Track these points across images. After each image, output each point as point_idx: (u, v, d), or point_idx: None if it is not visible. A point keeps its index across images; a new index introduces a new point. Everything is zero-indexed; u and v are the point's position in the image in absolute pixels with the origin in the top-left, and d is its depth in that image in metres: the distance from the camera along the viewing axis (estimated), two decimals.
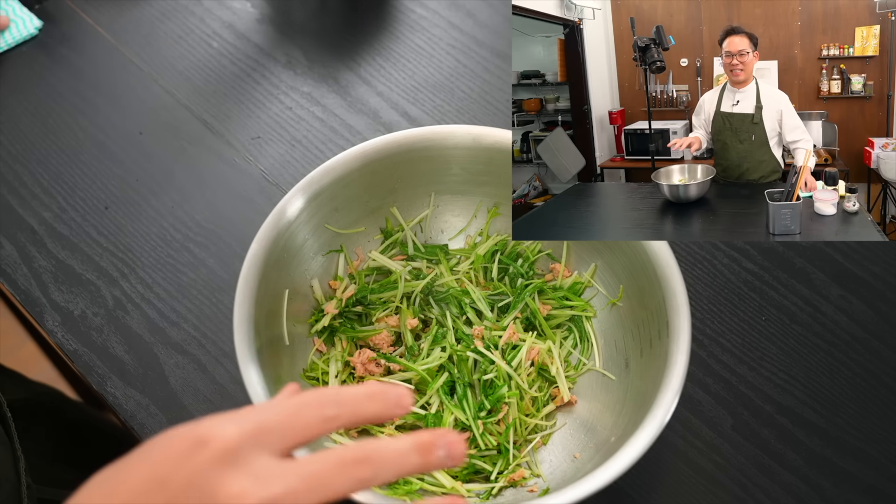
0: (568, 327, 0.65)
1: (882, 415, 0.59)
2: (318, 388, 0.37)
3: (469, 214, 0.68)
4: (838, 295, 0.64)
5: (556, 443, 0.60)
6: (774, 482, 0.57)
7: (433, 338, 0.62)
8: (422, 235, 0.68)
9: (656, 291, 0.56)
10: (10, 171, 0.72)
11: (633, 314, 0.60)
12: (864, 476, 0.57)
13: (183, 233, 0.69)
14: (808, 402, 0.60)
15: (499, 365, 0.60)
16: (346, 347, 0.63)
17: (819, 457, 0.58)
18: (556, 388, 0.62)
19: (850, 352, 0.62)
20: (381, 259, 0.65)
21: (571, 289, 0.65)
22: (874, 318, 0.63)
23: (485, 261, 0.66)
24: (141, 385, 0.61)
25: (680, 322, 0.54)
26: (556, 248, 0.66)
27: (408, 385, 0.60)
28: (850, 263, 0.65)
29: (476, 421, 0.58)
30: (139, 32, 0.80)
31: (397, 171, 0.63)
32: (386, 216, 0.66)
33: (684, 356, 0.52)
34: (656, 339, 0.56)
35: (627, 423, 0.54)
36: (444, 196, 0.67)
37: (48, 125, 0.76)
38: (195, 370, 0.62)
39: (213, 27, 0.82)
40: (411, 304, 0.65)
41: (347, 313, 0.64)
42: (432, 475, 0.57)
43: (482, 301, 0.64)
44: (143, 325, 0.64)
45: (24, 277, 0.66)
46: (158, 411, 0.60)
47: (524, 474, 0.58)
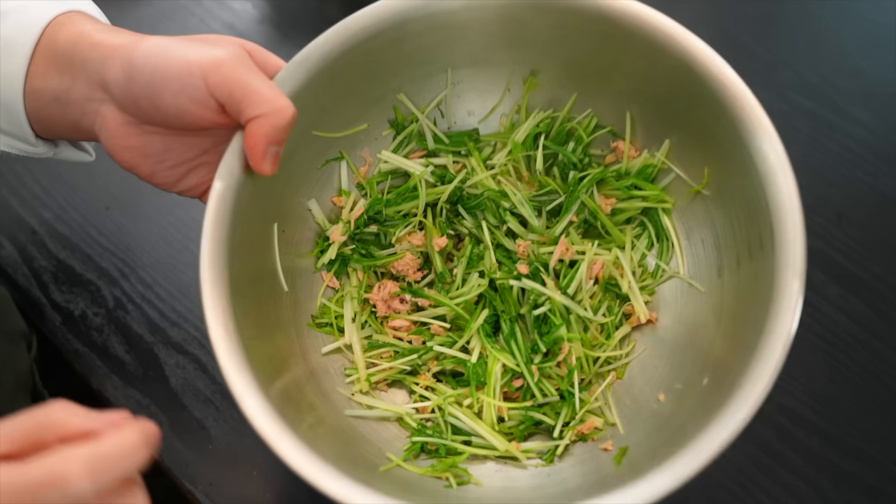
0: (640, 222, 0.50)
1: (882, 415, 0.59)
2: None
3: (499, 88, 0.52)
4: (838, 295, 0.64)
5: (635, 374, 0.47)
6: (774, 482, 0.57)
7: (468, 259, 0.50)
8: (443, 122, 0.53)
9: (754, 181, 0.41)
10: (11, 171, 0.72)
11: (724, 208, 0.45)
12: (864, 476, 0.57)
13: (183, 233, 0.69)
14: (808, 402, 0.60)
15: (553, 297, 0.47)
16: (364, 280, 0.50)
17: (819, 457, 0.58)
18: (629, 305, 0.49)
19: (850, 352, 0.62)
20: (394, 159, 0.51)
21: (641, 173, 0.49)
22: (874, 318, 0.63)
23: (525, 149, 0.51)
24: (141, 385, 0.61)
25: (786, 231, 0.39)
26: (618, 121, 0.50)
27: (443, 324, 0.48)
28: (850, 263, 0.65)
29: (529, 366, 0.47)
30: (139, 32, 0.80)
31: (396, 48, 0.48)
32: (394, 105, 0.52)
33: (797, 280, 0.37)
34: (757, 247, 0.41)
35: (724, 359, 0.41)
36: (463, 70, 0.51)
37: None
38: (195, 370, 0.62)
39: (213, 28, 0.81)
40: (437, 217, 0.51)
41: (361, 235, 0.51)
42: (481, 436, 0.46)
43: (525, 205, 0.50)
44: (144, 325, 0.64)
45: (24, 277, 0.66)
46: (159, 411, 0.60)
47: (596, 424, 0.46)
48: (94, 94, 0.42)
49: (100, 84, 0.42)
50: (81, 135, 0.45)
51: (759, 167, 0.41)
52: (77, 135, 0.45)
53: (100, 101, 0.42)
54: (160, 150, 0.44)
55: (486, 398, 0.48)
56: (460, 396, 0.49)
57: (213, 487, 0.56)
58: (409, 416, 0.48)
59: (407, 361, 0.50)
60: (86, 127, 0.44)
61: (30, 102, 0.43)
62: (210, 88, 0.40)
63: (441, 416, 0.48)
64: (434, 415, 0.49)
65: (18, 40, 0.42)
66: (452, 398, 0.48)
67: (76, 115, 0.43)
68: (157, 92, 0.40)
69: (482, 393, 0.48)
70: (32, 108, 0.43)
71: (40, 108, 0.43)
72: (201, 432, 0.59)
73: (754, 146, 0.41)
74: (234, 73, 0.40)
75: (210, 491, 0.56)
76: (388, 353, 0.51)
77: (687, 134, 0.47)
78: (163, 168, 0.45)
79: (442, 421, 0.48)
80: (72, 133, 0.45)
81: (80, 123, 0.44)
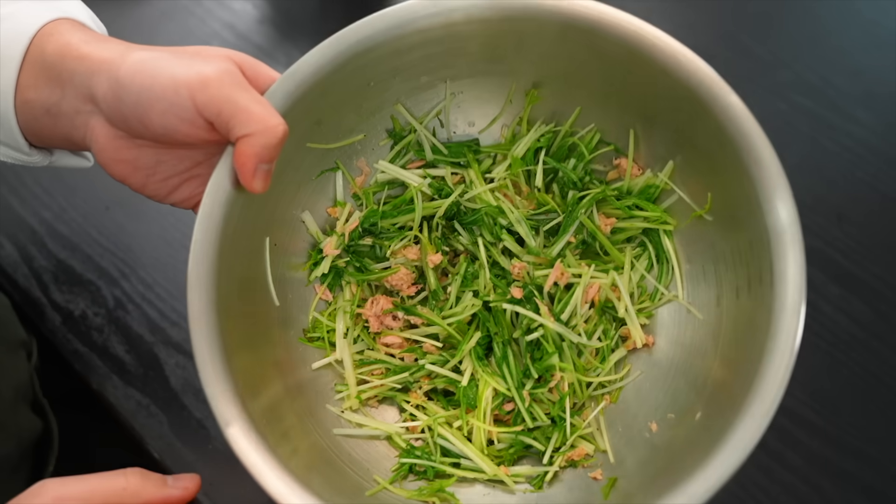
0: (641, 242, 0.49)
1: (882, 415, 0.59)
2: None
3: (501, 98, 0.50)
4: (838, 295, 0.64)
5: (629, 399, 0.47)
6: (774, 482, 0.57)
7: (462, 278, 0.49)
8: (443, 132, 0.52)
9: (755, 211, 0.39)
10: (11, 171, 0.72)
11: (726, 235, 0.44)
12: (864, 476, 0.57)
13: (183, 233, 0.69)
14: (808, 402, 0.60)
15: (546, 325, 0.46)
16: (357, 293, 0.50)
17: (819, 457, 0.58)
18: (626, 328, 0.48)
19: (850, 352, 0.62)
20: (392, 169, 0.50)
21: (643, 193, 0.48)
22: (874, 318, 0.63)
23: (525, 164, 0.50)
24: (141, 385, 0.61)
25: (786, 269, 0.38)
26: (621, 138, 0.49)
27: (435, 343, 0.48)
28: (850, 263, 0.65)
29: (521, 391, 0.46)
30: (140, 33, 0.80)
31: (392, 61, 0.46)
32: (391, 115, 0.51)
33: (794, 319, 0.37)
34: (756, 281, 0.40)
35: (718, 392, 0.41)
36: (461, 81, 0.50)
37: None
38: (195, 370, 0.62)
39: (213, 28, 0.81)
40: (433, 232, 0.50)
41: (355, 247, 0.50)
42: (470, 459, 0.46)
43: (523, 223, 0.48)
44: (144, 325, 0.64)
45: (24, 277, 0.66)
46: (159, 411, 0.60)
47: (586, 451, 0.46)
48: (83, 107, 0.42)
49: (88, 98, 0.41)
50: (74, 146, 0.45)
51: (763, 203, 0.40)
52: (70, 146, 0.45)
53: (89, 114, 0.42)
54: (151, 163, 0.44)
55: (475, 422, 0.47)
56: (451, 417, 0.48)
57: (213, 487, 0.57)
58: (398, 436, 0.48)
59: (398, 379, 0.49)
60: (77, 139, 0.43)
61: (21, 114, 0.43)
62: (198, 108, 0.39)
63: (430, 436, 0.48)
64: (424, 434, 0.48)
65: (6, 52, 0.41)
66: (443, 419, 0.48)
67: (67, 128, 0.43)
68: (145, 111, 0.39)
69: (472, 416, 0.47)
70: (24, 120, 0.43)
71: (32, 120, 0.43)
72: (201, 432, 0.59)
73: (759, 180, 0.40)
74: (223, 91, 0.39)
75: (210, 491, 0.56)
76: (379, 370, 0.50)
77: (692, 156, 0.46)
78: (154, 180, 0.45)
79: (431, 442, 0.48)
80: (65, 144, 0.45)
81: (72, 135, 0.43)
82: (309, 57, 0.44)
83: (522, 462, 0.48)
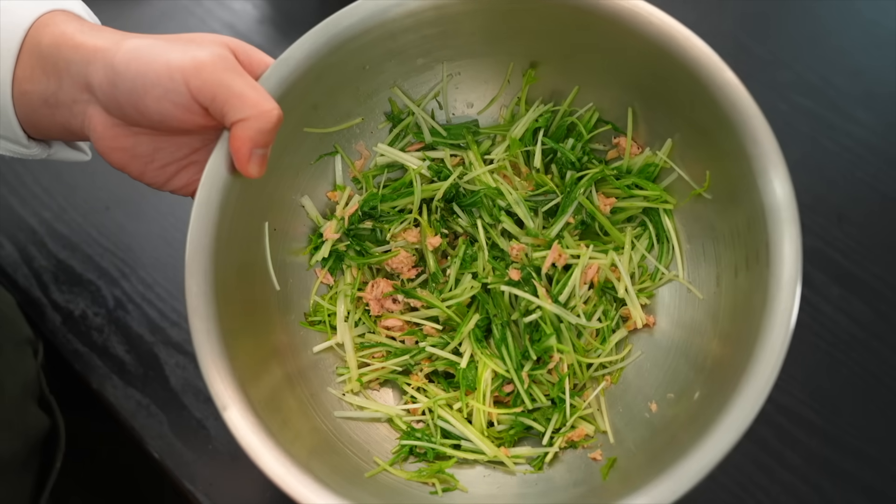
0: (641, 222, 0.49)
1: (882, 415, 0.59)
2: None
3: (500, 78, 0.50)
4: (838, 295, 0.64)
5: (630, 379, 0.47)
6: (773, 481, 0.57)
7: (461, 260, 0.49)
8: (441, 114, 0.52)
9: (751, 189, 0.39)
10: (11, 171, 0.72)
11: (724, 214, 0.43)
12: (864, 476, 0.57)
13: (183, 232, 0.69)
14: (808, 402, 0.60)
15: (543, 306, 0.45)
16: (357, 276, 0.50)
17: (818, 456, 0.58)
18: (627, 308, 0.48)
19: (850, 352, 0.62)
20: (391, 152, 0.50)
21: (643, 171, 0.48)
22: (874, 318, 0.63)
23: (523, 145, 0.49)
24: (141, 385, 0.61)
25: (782, 246, 0.38)
26: (621, 116, 0.49)
27: (435, 326, 0.48)
28: (850, 263, 0.65)
29: (520, 373, 0.46)
30: (139, 32, 0.80)
31: (386, 44, 0.46)
32: (389, 98, 0.50)
33: (789, 297, 0.37)
34: (753, 259, 0.40)
35: (717, 370, 0.41)
36: (459, 62, 0.49)
37: None
38: (195, 370, 0.62)
39: (213, 28, 0.81)
40: (432, 214, 0.50)
41: (356, 231, 0.50)
42: (470, 440, 0.46)
43: (521, 205, 0.48)
44: (144, 325, 0.64)
45: (24, 277, 0.66)
46: (159, 411, 0.60)
47: (586, 431, 0.46)
48: (81, 96, 0.42)
49: (85, 86, 0.41)
50: (73, 136, 0.45)
51: (759, 180, 0.39)
52: (69, 136, 0.45)
53: (86, 103, 0.42)
54: (149, 151, 0.44)
55: (475, 404, 0.47)
56: (451, 399, 0.48)
57: (213, 487, 0.57)
58: (399, 419, 0.48)
59: (399, 362, 0.49)
60: (76, 128, 0.43)
61: (19, 106, 0.43)
62: (192, 93, 0.39)
63: (431, 418, 0.48)
64: (424, 417, 0.48)
65: (2, 45, 0.41)
66: (443, 401, 0.48)
67: (65, 117, 0.43)
68: (140, 97, 0.40)
69: (472, 398, 0.47)
70: (22, 112, 0.43)
71: (30, 112, 0.43)
72: (201, 432, 0.59)
73: (755, 157, 0.40)
74: (216, 76, 0.39)
75: (210, 491, 0.56)
76: (380, 353, 0.50)
77: (690, 134, 0.46)
78: (153, 168, 0.45)
79: (432, 424, 0.48)
80: (64, 134, 0.45)
81: (70, 125, 0.43)
82: (302, 42, 0.44)
83: (522, 443, 0.48)
